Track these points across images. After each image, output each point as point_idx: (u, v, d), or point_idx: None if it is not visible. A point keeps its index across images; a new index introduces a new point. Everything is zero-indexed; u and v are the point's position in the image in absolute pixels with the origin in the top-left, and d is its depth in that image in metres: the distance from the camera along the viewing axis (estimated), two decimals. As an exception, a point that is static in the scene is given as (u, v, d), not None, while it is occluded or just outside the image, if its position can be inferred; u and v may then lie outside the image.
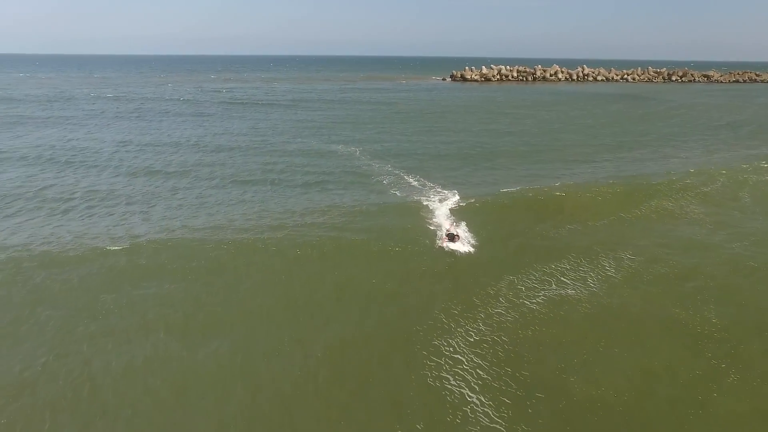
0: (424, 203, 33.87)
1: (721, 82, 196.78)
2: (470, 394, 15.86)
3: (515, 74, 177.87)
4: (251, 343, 18.63)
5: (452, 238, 26.84)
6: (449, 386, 16.19)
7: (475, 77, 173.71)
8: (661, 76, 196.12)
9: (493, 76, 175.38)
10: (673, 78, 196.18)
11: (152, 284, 22.64)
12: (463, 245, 26.61)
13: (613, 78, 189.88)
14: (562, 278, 23.69)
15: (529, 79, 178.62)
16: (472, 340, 18.60)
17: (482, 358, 17.52)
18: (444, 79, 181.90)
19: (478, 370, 16.91)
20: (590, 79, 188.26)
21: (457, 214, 31.43)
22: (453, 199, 34.85)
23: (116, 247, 25.76)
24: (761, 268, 25.04)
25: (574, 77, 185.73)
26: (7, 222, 30.45)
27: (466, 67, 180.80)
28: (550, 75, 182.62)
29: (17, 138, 56.72)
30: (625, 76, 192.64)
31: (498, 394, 15.84)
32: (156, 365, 17.39)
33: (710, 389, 16.28)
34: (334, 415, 15.14)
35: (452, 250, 26.07)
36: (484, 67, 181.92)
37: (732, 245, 28.09)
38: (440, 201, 34.35)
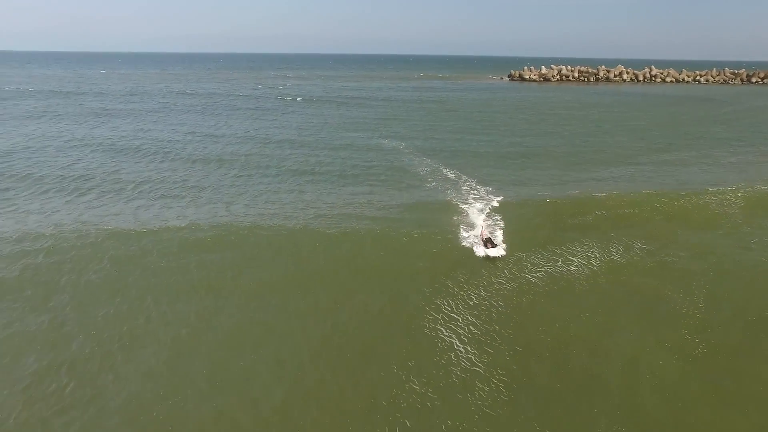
0: (459, 199, 35.81)
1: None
2: (458, 343, 18.54)
3: (576, 75, 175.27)
4: (277, 303, 21.75)
5: (487, 243, 26.47)
6: (441, 336, 18.94)
7: (534, 77, 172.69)
8: (738, 78, 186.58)
9: (553, 76, 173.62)
10: (753, 80, 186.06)
11: (196, 253, 26.23)
12: (500, 250, 25.90)
13: (683, 79, 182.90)
14: (569, 257, 25.75)
15: (591, 79, 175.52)
16: (471, 303, 21.21)
17: (476, 317, 20.12)
18: (501, 79, 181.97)
19: (470, 326, 19.54)
20: (658, 80, 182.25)
21: (491, 213, 32.80)
22: (488, 197, 36.23)
23: (168, 225, 29.88)
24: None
25: (641, 78, 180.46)
26: (81, 199, 35.60)
27: (525, 67, 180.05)
28: (614, 76, 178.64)
29: (97, 127, 63.87)
30: (698, 77, 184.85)
31: (482, 345, 18.42)
32: (195, 309, 21.09)
33: (673, 360, 18.04)
34: (332, 354, 18.20)
35: (489, 256, 25.51)
36: (543, 67, 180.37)
37: (753, 246, 28.63)
38: (474, 198, 35.94)
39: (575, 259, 25.65)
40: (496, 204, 34.57)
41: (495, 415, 15.32)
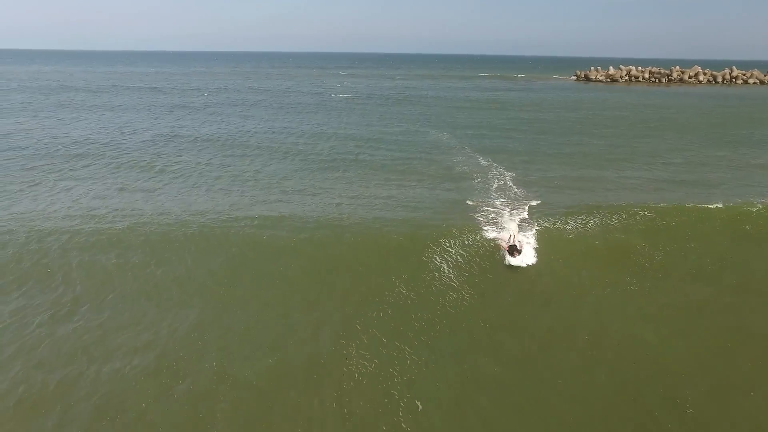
0: (483, 191, 37.08)
1: None
2: (446, 268, 23.59)
3: (647, 75, 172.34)
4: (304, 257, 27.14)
5: (513, 251, 24.89)
6: (434, 262, 24.06)
7: (600, 78, 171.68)
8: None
9: (621, 77, 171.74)
10: None
11: (238, 223, 30.33)
12: (526, 259, 24.75)
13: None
14: (566, 219, 29.88)
15: (663, 81, 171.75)
16: (466, 242, 26.09)
17: (466, 251, 25.03)
18: (566, 79, 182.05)
19: (458, 257, 24.55)
20: (740, 82, 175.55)
21: (518, 213, 32.27)
22: (512, 192, 36.77)
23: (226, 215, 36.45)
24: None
25: (719, 80, 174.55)
26: (166, 183, 43.11)
27: (592, 68, 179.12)
28: (689, 77, 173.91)
29: (177, 120, 72.28)
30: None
31: (462, 271, 23.37)
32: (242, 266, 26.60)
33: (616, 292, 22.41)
34: (341, 269, 23.76)
35: (512, 265, 24.09)
36: (611, 67, 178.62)
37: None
38: (499, 191, 36.72)
39: (570, 221, 29.64)
40: (520, 201, 34.65)
41: (454, 313, 20.42)
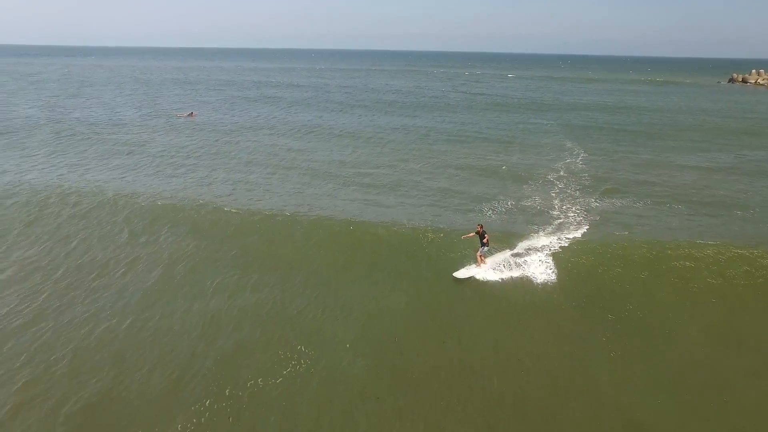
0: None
1: None
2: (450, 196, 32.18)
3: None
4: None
5: (483, 238, 22.76)
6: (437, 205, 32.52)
7: (762, 81, 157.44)
8: None
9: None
10: None
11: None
12: (479, 274, 21.99)
13: None
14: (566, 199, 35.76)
15: None
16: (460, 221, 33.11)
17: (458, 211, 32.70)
18: (718, 83, 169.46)
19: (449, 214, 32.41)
20: None
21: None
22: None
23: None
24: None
25: None
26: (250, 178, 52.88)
27: (753, 70, 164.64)
28: None
29: (322, 117, 74.33)
30: None
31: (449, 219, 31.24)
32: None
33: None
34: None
35: (456, 277, 22.03)
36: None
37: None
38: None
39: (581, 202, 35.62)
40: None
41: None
